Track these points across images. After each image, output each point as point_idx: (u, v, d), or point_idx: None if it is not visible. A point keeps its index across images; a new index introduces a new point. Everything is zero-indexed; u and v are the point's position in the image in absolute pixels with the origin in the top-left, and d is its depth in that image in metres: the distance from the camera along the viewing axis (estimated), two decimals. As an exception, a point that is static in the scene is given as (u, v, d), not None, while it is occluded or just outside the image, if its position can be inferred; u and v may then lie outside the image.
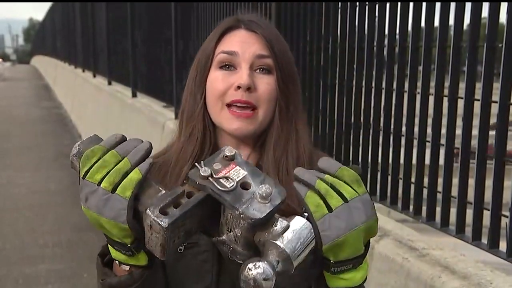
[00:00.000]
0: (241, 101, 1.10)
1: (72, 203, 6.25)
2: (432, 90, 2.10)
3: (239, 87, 1.10)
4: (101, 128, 8.58)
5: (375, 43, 2.43)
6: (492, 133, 1.83)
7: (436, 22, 2.09)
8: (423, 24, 2.16)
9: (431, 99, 2.11)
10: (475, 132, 1.90)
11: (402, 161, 2.34)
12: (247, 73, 1.10)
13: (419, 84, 2.17)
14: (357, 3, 2.51)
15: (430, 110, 2.13)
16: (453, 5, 1.98)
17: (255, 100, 1.10)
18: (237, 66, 1.12)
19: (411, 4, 2.20)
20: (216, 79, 1.12)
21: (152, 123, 5.45)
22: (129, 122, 6.64)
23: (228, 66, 1.12)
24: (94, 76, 11.22)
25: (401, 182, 2.31)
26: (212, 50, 1.14)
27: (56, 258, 4.67)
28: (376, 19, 2.40)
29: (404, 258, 1.95)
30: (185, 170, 1.13)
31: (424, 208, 2.19)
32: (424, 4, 2.13)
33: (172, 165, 1.17)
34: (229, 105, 1.11)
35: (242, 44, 1.12)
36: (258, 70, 1.12)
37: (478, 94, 1.88)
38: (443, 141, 2.05)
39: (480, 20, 1.90)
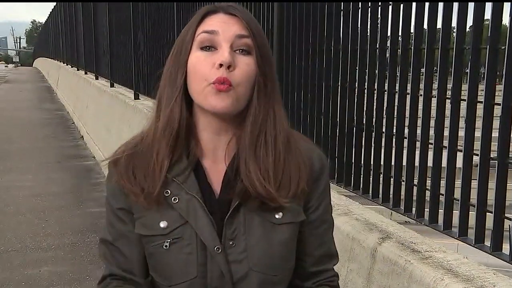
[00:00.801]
0: (221, 78, 1.12)
1: (74, 205, 6.26)
2: (434, 92, 2.10)
3: (221, 65, 1.12)
4: (103, 130, 8.58)
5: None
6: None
7: (439, 24, 2.08)
8: (425, 26, 2.16)
9: (434, 101, 2.11)
10: (477, 134, 1.90)
11: (404, 163, 2.33)
12: (228, 51, 1.13)
13: (421, 86, 2.17)
14: (359, 3, 2.51)
15: (432, 112, 2.13)
16: (455, 7, 1.97)
17: (233, 79, 1.13)
18: (218, 46, 1.15)
19: (414, 5, 2.20)
20: (198, 60, 1.15)
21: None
22: (131, 124, 6.64)
23: (209, 47, 1.15)
24: (97, 78, 11.24)
25: (403, 184, 2.31)
26: (193, 32, 1.18)
27: (59, 260, 4.67)
28: (379, 20, 2.40)
29: (407, 261, 1.94)
30: (162, 157, 1.18)
31: (426, 211, 2.19)
32: (426, 5, 2.13)
33: (148, 149, 1.20)
34: (213, 83, 1.13)
35: (222, 24, 1.16)
36: (238, 51, 1.15)
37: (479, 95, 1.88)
38: (446, 143, 2.05)
39: (482, 22, 1.90)
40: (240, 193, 1.18)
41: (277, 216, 1.20)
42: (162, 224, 1.19)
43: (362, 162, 2.56)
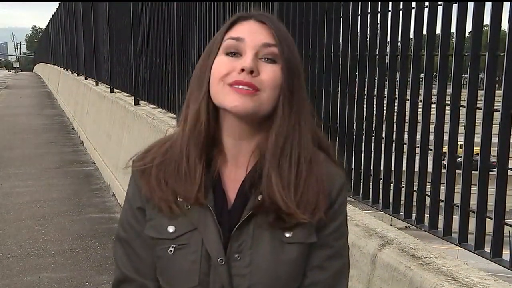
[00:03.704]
0: (242, 82, 1.11)
1: (74, 211, 6.26)
2: (433, 98, 2.10)
3: (242, 70, 1.11)
4: (104, 136, 8.58)
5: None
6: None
7: (438, 30, 2.09)
8: (425, 31, 2.16)
9: (433, 107, 2.11)
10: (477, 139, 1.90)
11: (404, 169, 2.33)
12: (251, 57, 1.12)
13: (420, 91, 2.17)
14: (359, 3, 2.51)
15: (432, 118, 2.13)
16: (455, 12, 1.98)
17: (258, 83, 1.11)
18: (243, 52, 1.13)
19: (413, 12, 2.20)
20: (220, 63, 1.14)
21: (155, 130, 5.45)
22: (131, 129, 6.65)
23: (234, 53, 1.14)
24: (97, 83, 11.25)
25: (403, 190, 2.30)
26: (221, 37, 1.17)
27: (58, 266, 4.67)
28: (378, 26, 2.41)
29: (407, 267, 1.94)
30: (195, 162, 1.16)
31: (426, 216, 2.18)
32: (426, 11, 2.13)
33: (178, 154, 1.18)
34: (230, 85, 1.12)
35: (250, 32, 1.15)
36: (263, 59, 1.14)
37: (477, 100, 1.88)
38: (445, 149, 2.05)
39: (482, 28, 1.90)
40: (254, 206, 1.15)
41: (287, 235, 1.16)
42: (170, 229, 1.18)
43: (362, 168, 2.56)
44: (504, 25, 1.78)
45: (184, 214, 1.18)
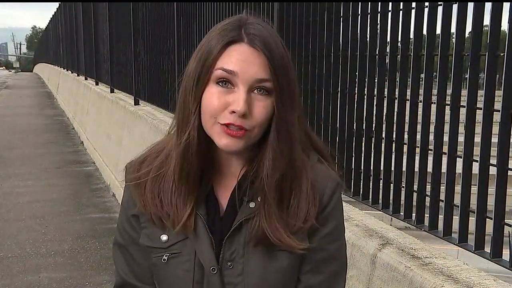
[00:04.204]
0: (234, 125, 1.08)
1: (74, 211, 6.26)
2: (434, 98, 2.10)
3: (234, 112, 1.08)
4: (104, 136, 8.58)
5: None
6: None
7: (438, 30, 2.09)
8: (424, 32, 2.16)
9: (433, 107, 2.11)
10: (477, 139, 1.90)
11: (404, 169, 2.33)
12: (244, 98, 1.08)
13: (420, 91, 2.17)
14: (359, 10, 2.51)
15: (432, 118, 2.13)
16: (455, 12, 1.98)
17: (248, 125, 1.09)
18: (235, 85, 1.09)
19: (413, 12, 2.20)
20: (212, 96, 1.10)
21: (155, 130, 5.45)
22: (131, 129, 6.65)
23: (226, 82, 1.09)
24: (97, 84, 11.25)
25: (403, 190, 2.30)
26: (211, 63, 1.11)
27: (58, 266, 4.67)
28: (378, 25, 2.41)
29: (407, 267, 1.93)
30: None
31: (426, 216, 2.18)
32: (426, 11, 2.13)
33: (172, 172, 1.18)
34: (222, 124, 1.10)
35: (242, 63, 1.09)
36: (256, 91, 1.10)
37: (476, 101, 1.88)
38: (445, 149, 2.05)
39: (482, 28, 1.90)
40: (245, 218, 1.16)
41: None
42: (163, 238, 1.19)
43: (362, 168, 2.56)
44: (504, 25, 1.78)
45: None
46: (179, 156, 1.15)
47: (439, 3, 2.06)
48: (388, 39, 2.37)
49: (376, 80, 2.44)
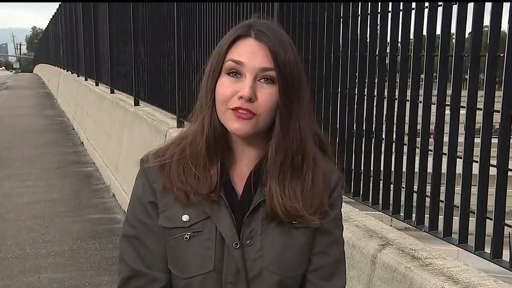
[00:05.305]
0: (241, 108, 1.21)
1: (74, 212, 6.26)
2: (434, 99, 2.10)
3: (241, 97, 1.21)
4: (103, 136, 8.59)
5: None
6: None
7: (438, 31, 2.09)
8: (424, 32, 2.16)
9: (433, 108, 2.11)
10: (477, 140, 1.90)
11: (404, 169, 2.33)
12: (250, 85, 1.21)
13: (420, 92, 2.17)
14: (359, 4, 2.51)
15: (432, 118, 2.13)
16: (455, 13, 1.98)
17: (255, 108, 1.22)
18: (243, 74, 1.23)
19: (413, 12, 2.20)
20: (223, 85, 1.24)
21: (155, 131, 5.45)
22: (131, 130, 6.65)
23: (235, 73, 1.23)
24: (97, 84, 11.25)
25: (403, 190, 2.30)
26: (223, 56, 1.25)
27: (58, 267, 4.67)
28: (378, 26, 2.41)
29: (407, 268, 1.94)
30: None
31: (426, 217, 2.18)
32: (426, 11, 2.13)
33: (196, 157, 1.29)
34: (232, 109, 1.22)
35: (249, 54, 1.23)
36: (262, 80, 1.23)
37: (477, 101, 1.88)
38: (445, 149, 2.05)
39: (482, 28, 1.90)
40: (263, 200, 1.27)
41: (293, 221, 1.27)
42: (185, 218, 1.28)
43: (362, 169, 2.56)
44: (504, 26, 1.79)
45: (198, 203, 1.27)
46: (205, 133, 1.27)
47: (439, 3, 2.06)
48: (388, 40, 2.37)
49: (376, 81, 2.44)
